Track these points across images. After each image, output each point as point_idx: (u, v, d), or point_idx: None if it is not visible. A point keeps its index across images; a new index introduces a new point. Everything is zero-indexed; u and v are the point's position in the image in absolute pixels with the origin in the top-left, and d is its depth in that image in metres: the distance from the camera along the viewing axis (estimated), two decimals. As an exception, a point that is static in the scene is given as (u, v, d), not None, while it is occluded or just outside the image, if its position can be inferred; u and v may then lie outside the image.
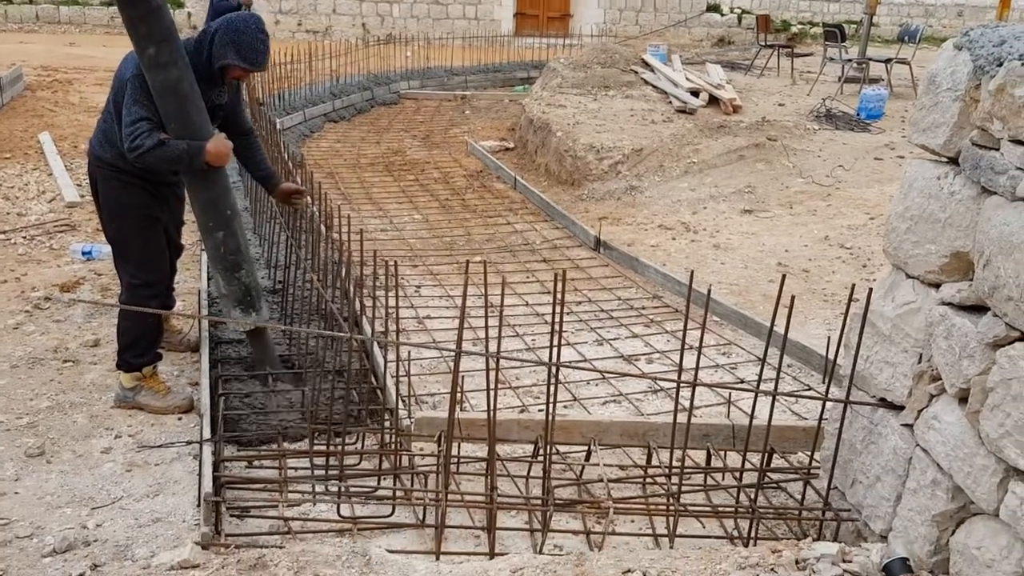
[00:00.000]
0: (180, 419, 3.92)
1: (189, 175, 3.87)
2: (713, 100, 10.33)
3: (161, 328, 4.17)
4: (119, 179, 3.83)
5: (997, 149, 2.31)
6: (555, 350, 2.97)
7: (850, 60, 11.87)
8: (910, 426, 2.68)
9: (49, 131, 9.47)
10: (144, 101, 3.61)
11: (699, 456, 3.62)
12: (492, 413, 3.01)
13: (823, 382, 4.17)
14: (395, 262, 3.61)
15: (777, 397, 3.18)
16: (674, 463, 3.26)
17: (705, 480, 3.48)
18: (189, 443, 3.67)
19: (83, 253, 5.89)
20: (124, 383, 3.96)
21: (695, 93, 10.42)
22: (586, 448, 3.65)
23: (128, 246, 3.92)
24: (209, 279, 5.35)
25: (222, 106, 3.98)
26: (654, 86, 10.93)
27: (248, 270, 4.07)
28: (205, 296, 5.06)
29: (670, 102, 10.35)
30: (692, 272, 3.29)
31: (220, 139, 3.81)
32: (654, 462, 3.56)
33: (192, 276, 5.61)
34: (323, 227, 4.65)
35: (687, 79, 10.86)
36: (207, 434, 3.50)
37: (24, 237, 6.27)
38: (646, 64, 11.68)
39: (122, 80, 3.68)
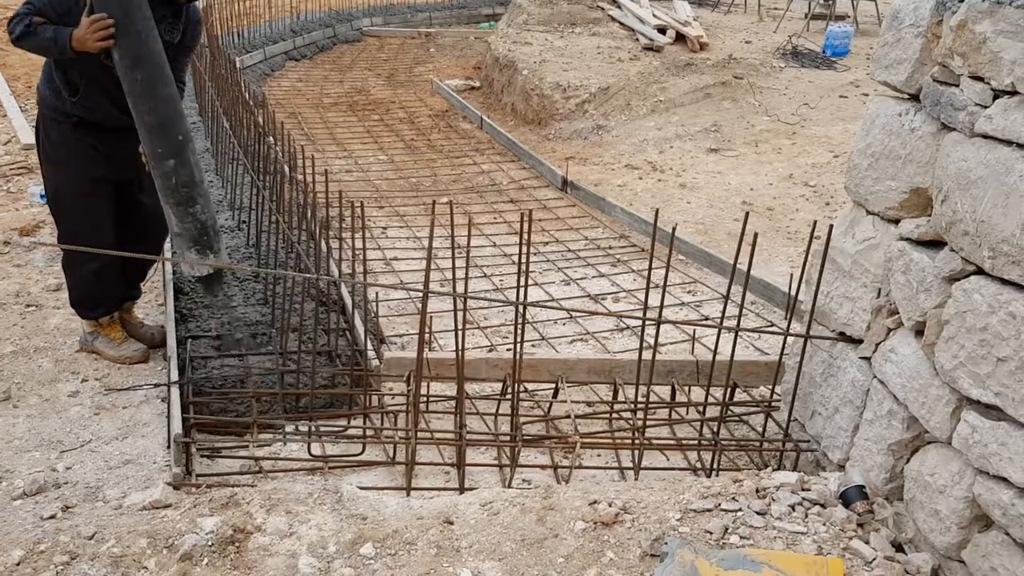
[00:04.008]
0: (148, 362, 3.91)
1: (133, 95, 3.41)
2: (680, 37, 10.24)
3: (115, 284, 3.89)
4: (58, 129, 3.59)
5: (957, 85, 2.33)
6: (522, 290, 2.99)
7: (817, -4, 11.81)
8: (868, 359, 2.76)
9: (1, 71, 9.19)
10: None
11: (664, 391, 3.69)
12: (460, 352, 3.04)
13: (785, 318, 4.25)
14: (361, 203, 3.59)
15: (740, 333, 3.24)
16: (639, 399, 3.32)
17: (670, 415, 3.55)
18: (156, 386, 3.66)
19: (42, 196, 5.76)
20: (84, 327, 3.96)
21: (662, 30, 10.32)
22: (554, 386, 3.71)
23: (62, 206, 3.66)
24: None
25: (171, 43, 3.59)
26: (621, 23, 10.81)
27: (204, 205, 3.62)
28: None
29: (637, 39, 10.25)
30: (657, 211, 3.31)
31: (87, 22, 3.25)
32: (620, 398, 3.62)
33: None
34: (287, 168, 4.60)
35: (654, 16, 10.74)
36: (175, 376, 3.49)
37: (-21, 180, 6.13)
38: (613, 0, 11.53)
39: None
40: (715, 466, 3.16)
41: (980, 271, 2.22)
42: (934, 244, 2.47)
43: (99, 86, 3.52)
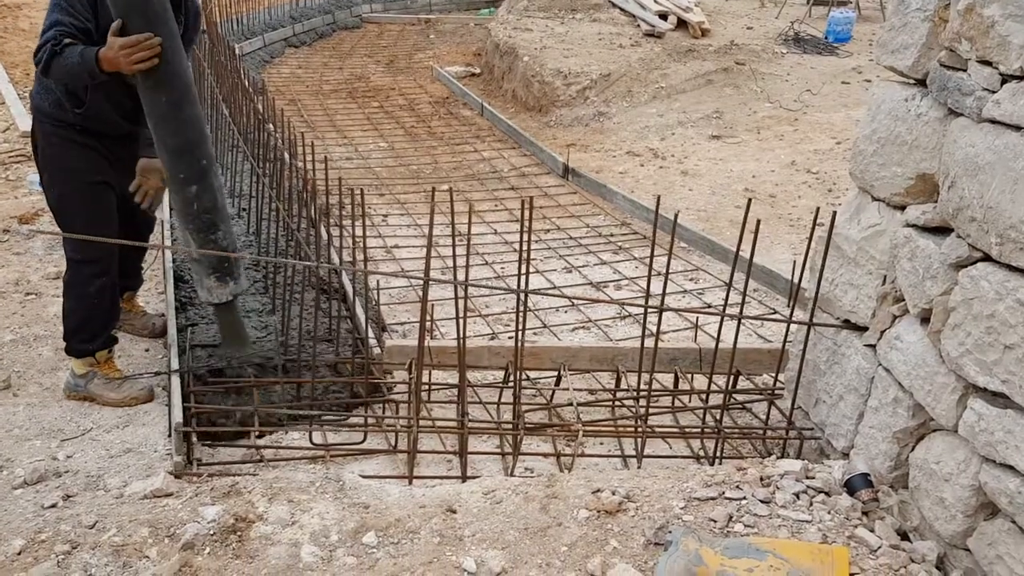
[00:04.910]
0: (147, 350, 3.90)
1: (154, 116, 3.21)
2: (681, 23, 10.20)
3: (116, 308, 3.63)
4: (59, 136, 3.33)
5: (964, 70, 2.31)
6: (524, 278, 2.97)
7: (819, -18, 11.73)
8: (873, 346, 2.74)
9: (-1, 58, 9.16)
10: (62, 4, 3.07)
11: (667, 379, 3.68)
12: (462, 340, 3.03)
13: (788, 305, 4.23)
14: (361, 191, 3.57)
15: (743, 321, 3.23)
16: (642, 386, 3.31)
17: (672, 402, 3.54)
18: (157, 374, 3.65)
19: (41, 185, 5.74)
20: (75, 370, 3.50)
21: (663, 16, 10.26)
22: (556, 373, 3.69)
23: (70, 216, 3.38)
24: (170, 209, 5.25)
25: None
26: (622, 9, 10.75)
27: (226, 231, 3.44)
28: (168, 226, 4.98)
29: (638, 25, 10.20)
30: (659, 198, 3.29)
31: (119, 44, 2.99)
32: (623, 386, 3.61)
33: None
34: (287, 155, 4.57)
35: (655, 2, 10.68)
36: (175, 365, 3.47)
37: (-22, 168, 6.11)
38: (613, -14, 11.46)
39: None
40: (718, 454, 3.15)
41: (987, 258, 2.20)
42: (940, 230, 2.45)
43: (106, 95, 3.29)
